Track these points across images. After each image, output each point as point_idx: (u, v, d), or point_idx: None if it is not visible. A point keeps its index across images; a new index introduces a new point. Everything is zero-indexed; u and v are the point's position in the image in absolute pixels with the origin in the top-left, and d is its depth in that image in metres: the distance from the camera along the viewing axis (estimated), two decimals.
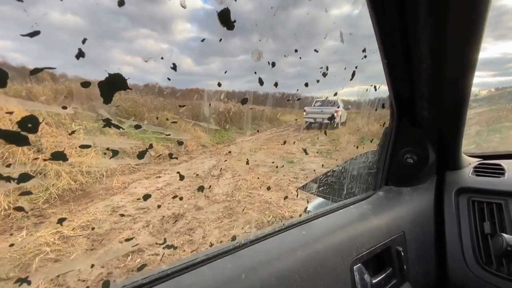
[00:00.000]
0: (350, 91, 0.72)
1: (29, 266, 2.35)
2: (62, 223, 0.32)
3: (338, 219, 0.71)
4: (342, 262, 0.59)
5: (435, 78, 0.65)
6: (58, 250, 2.63)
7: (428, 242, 0.84)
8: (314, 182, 1.13)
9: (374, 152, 1.03)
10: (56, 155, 0.30)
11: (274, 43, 0.58)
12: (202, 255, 0.47)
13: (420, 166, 0.87)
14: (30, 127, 0.26)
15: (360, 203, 0.83)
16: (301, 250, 0.54)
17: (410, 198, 0.87)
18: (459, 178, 0.91)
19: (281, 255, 0.52)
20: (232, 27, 0.34)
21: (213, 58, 5.78)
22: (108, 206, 3.57)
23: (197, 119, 2.51)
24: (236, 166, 5.70)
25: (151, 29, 4.06)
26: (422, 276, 0.81)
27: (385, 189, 0.92)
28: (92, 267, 2.39)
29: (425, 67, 0.62)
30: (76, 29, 1.05)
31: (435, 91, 0.69)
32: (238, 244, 0.52)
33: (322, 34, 0.59)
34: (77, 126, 4.18)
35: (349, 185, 1.03)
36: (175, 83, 0.72)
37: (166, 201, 3.84)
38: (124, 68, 0.33)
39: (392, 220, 0.77)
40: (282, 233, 0.59)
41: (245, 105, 0.49)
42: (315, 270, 0.54)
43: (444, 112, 0.76)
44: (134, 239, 2.89)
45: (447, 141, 0.86)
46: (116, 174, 4.72)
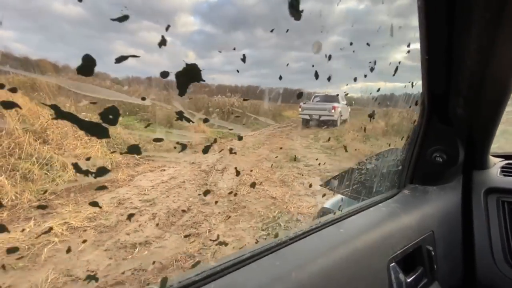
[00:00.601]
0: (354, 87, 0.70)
1: (38, 256, 2.36)
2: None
3: (370, 217, 0.71)
4: (379, 260, 0.59)
5: (478, 75, 0.63)
6: (66, 240, 2.64)
7: (456, 242, 0.83)
8: (335, 179, 1.12)
9: (395, 150, 1.02)
10: (131, 149, 0.29)
11: (278, 37, 0.57)
12: (248, 251, 0.47)
13: (449, 165, 0.86)
14: (111, 118, 0.25)
15: (388, 201, 0.82)
16: (342, 248, 0.54)
17: (437, 197, 0.86)
18: (487, 178, 0.90)
19: (323, 252, 0.51)
20: (299, 17, 0.32)
21: (215, 52, 5.70)
22: (114, 198, 3.58)
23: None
24: (240, 161, 5.70)
25: (154, 21, 4.01)
26: (449, 275, 0.80)
27: (411, 188, 0.92)
28: (99, 257, 2.40)
29: (469, 63, 0.61)
30: (78, 20, 1.03)
31: (475, 89, 0.68)
32: (280, 241, 0.52)
33: (329, 29, 0.57)
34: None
35: (372, 183, 1.02)
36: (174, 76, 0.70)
37: (172, 194, 3.85)
38: (127, 60, 0.31)
39: (421, 219, 0.77)
40: (320, 231, 0.59)
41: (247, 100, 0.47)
42: (356, 268, 0.53)
43: (480, 111, 0.75)
44: (141, 231, 2.90)
45: (476, 140, 0.85)
46: (121, 167, 4.72)
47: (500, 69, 0.61)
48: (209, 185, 4.36)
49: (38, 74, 0.46)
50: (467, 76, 0.65)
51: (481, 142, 0.86)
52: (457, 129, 0.82)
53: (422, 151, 0.89)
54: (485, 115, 0.76)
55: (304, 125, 9.21)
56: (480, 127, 0.81)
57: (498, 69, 0.61)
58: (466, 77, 0.65)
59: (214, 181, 4.42)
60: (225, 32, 2.19)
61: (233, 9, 3.29)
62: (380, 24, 0.52)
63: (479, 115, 0.76)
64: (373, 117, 0.64)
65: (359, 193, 1.01)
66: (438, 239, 0.78)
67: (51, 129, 4.09)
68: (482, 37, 0.55)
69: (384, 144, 1.09)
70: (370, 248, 0.59)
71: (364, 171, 1.09)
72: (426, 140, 0.87)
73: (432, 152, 0.87)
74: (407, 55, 0.59)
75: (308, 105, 8.52)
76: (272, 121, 7.27)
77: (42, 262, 2.36)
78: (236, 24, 2.21)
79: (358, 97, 1.02)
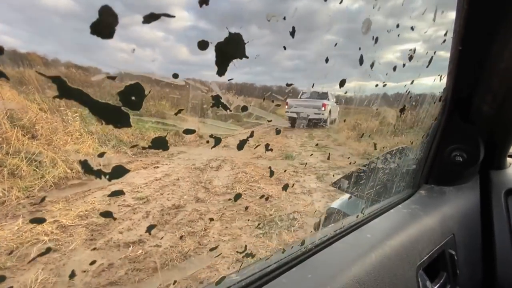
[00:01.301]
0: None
1: (27, 256, 2.26)
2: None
3: (393, 219, 0.66)
4: (409, 267, 0.55)
5: (511, 70, 0.59)
6: (57, 239, 2.54)
7: (475, 245, 0.80)
8: (344, 178, 1.07)
9: (408, 148, 0.98)
10: (156, 143, 0.23)
11: (272, 34, 0.52)
12: (273, 262, 0.41)
13: (469, 165, 0.82)
14: (134, 101, 0.19)
15: (406, 202, 0.78)
16: (373, 255, 0.49)
17: (455, 198, 0.82)
18: (506, 178, 0.87)
19: (354, 260, 0.46)
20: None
21: (210, 48, 5.65)
22: (106, 196, 3.47)
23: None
24: (235, 158, 5.63)
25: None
26: (469, 280, 0.77)
27: (426, 188, 0.88)
28: (92, 257, 2.32)
29: (507, 55, 0.56)
30: (68, 13, 0.96)
31: (507, 85, 0.64)
32: (306, 249, 0.47)
33: (321, 27, 0.52)
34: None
35: (385, 183, 0.97)
36: (171, 72, 0.65)
37: (166, 192, 3.76)
38: (119, 54, 0.27)
39: (443, 222, 0.73)
40: (346, 236, 0.54)
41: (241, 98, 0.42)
42: (389, 276, 0.49)
43: (507, 109, 0.71)
44: (134, 229, 2.82)
45: (498, 140, 0.82)
46: (113, 164, 4.59)
47: None
48: (204, 183, 4.29)
49: (27, 67, 0.39)
50: (502, 72, 0.61)
51: (502, 142, 0.82)
52: (479, 127, 0.78)
53: (440, 150, 0.85)
54: (511, 114, 0.72)
55: (290, 124, 8.01)
56: (503, 127, 0.77)
57: None
58: (501, 73, 0.61)
59: (208, 179, 4.35)
60: (219, 28, 2.11)
61: (227, 5, 3.22)
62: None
63: (505, 114, 0.73)
64: (403, 112, 0.59)
65: (375, 193, 0.97)
66: (458, 243, 0.74)
67: (40, 124, 3.94)
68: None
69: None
70: (400, 254, 0.54)
71: (376, 170, 1.04)
72: (446, 138, 0.83)
73: (451, 151, 0.83)
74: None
75: (295, 101, 7.41)
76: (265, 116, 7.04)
77: (31, 262, 2.26)
78: (230, 20, 2.12)
79: (351, 96, 0.96)
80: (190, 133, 0.25)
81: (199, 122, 0.29)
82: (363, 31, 0.35)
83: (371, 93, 0.67)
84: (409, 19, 0.49)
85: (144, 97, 0.19)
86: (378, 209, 0.70)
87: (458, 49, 0.60)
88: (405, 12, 0.50)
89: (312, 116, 7.75)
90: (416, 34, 0.50)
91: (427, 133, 0.83)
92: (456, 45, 0.59)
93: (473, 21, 0.56)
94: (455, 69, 0.66)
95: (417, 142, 0.86)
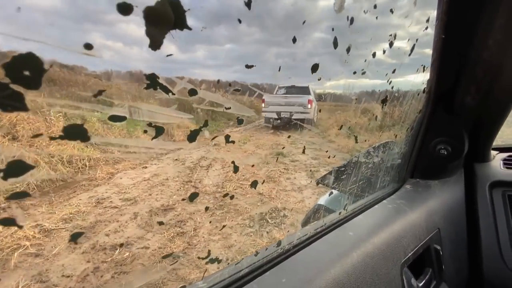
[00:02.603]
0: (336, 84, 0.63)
1: (7, 262, 2.17)
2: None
3: (377, 215, 0.64)
4: (393, 265, 0.52)
5: (498, 58, 0.57)
6: (39, 244, 2.45)
7: (461, 239, 0.79)
8: (330, 174, 1.05)
9: (393, 142, 0.97)
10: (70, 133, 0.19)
11: (262, 32, 0.48)
12: (246, 265, 0.38)
13: (453, 158, 0.81)
14: (28, 76, 0.14)
15: (391, 197, 0.76)
16: (354, 254, 0.46)
17: (440, 192, 0.81)
18: (489, 171, 0.86)
19: (334, 261, 0.44)
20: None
21: (198, 46, 5.50)
22: (92, 198, 3.38)
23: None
24: (226, 156, 5.57)
25: (134, 13, 3.87)
26: (456, 274, 0.76)
27: (412, 182, 0.86)
28: (76, 261, 2.24)
29: (491, 43, 0.54)
30: (51, 10, 0.91)
31: (490, 76, 0.62)
32: (283, 250, 0.43)
33: (310, 24, 0.49)
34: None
35: (370, 178, 0.96)
36: (159, 70, 0.61)
37: (154, 192, 3.69)
38: (105, 53, 0.24)
39: (428, 216, 0.71)
40: (327, 235, 0.51)
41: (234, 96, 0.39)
42: (371, 276, 0.46)
43: (491, 100, 0.69)
44: (122, 231, 2.75)
45: (483, 132, 0.80)
46: (100, 164, 4.49)
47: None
48: (193, 182, 4.23)
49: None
50: (486, 60, 0.59)
51: (486, 134, 0.81)
52: (463, 120, 0.77)
53: (425, 143, 0.83)
54: (496, 105, 0.71)
55: (268, 125, 6.50)
56: (488, 118, 0.76)
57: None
58: (485, 61, 0.59)
59: (199, 178, 4.29)
60: (208, 26, 2.07)
61: (215, 2, 3.15)
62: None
63: (489, 105, 0.71)
64: (385, 104, 0.57)
65: (356, 189, 0.95)
66: (444, 238, 0.73)
67: (21, 125, 3.80)
68: (510, 13, 0.48)
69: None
70: (383, 252, 0.52)
71: (361, 165, 1.02)
72: (430, 131, 0.81)
73: (436, 144, 0.81)
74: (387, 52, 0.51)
75: (274, 98, 6.13)
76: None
77: (12, 268, 2.17)
78: (218, 18, 2.08)
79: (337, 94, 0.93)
80: (119, 121, 0.21)
81: (132, 108, 0.25)
82: (336, 9, 0.32)
83: (353, 87, 0.64)
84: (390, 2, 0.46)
85: (42, 72, 0.16)
86: (362, 205, 0.68)
87: (441, 37, 0.57)
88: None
89: (296, 116, 6.24)
90: (397, 19, 0.48)
91: (411, 126, 0.81)
92: (439, 34, 0.57)
93: (456, 8, 0.53)
94: (438, 59, 0.64)
95: (402, 135, 0.84)
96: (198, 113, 0.28)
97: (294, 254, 0.44)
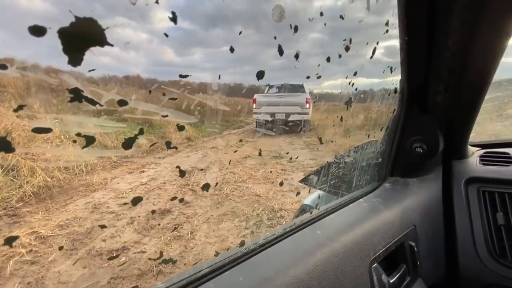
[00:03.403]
0: (333, 84, 0.65)
1: (2, 270, 2.18)
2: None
3: (350, 214, 0.65)
4: (361, 263, 0.53)
5: (459, 59, 0.59)
6: (35, 251, 2.46)
7: (438, 235, 0.80)
8: (314, 175, 1.06)
9: (376, 141, 0.98)
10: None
11: (257, 34, 0.50)
12: (206, 266, 0.39)
13: (429, 156, 0.82)
14: None
15: (369, 196, 0.77)
16: (318, 253, 0.48)
17: (418, 190, 0.82)
18: (466, 167, 0.87)
19: (297, 260, 0.45)
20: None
21: (195, 49, 5.48)
22: (89, 203, 3.39)
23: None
24: (223, 159, 5.58)
25: (128, 17, 3.87)
26: (433, 270, 0.77)
27: (391, 181, 0.87)
28: (72, 267, 2.25)
29: (451, 43, 0.56)
30: (45, 16, 0.92)
31: (456, 74, 0.63)
32: (247, 250, 0.45)
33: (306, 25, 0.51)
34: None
35: (352, 177, 0.97)
36: (157, 74, 0.62)
37: (152, 196, 3.70)
38: (101, 58, 0.25)
39: (403, 214, 0.72)
40: (295, 234, 0.52)
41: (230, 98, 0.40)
42: (335, 275, 0.47)
43: (461, 97, 0.71)
44: (118, 237, 2.76)
45: (457, 130, 0.82)
46: (97, 170, 4.50)
47: (482, 53, 0.57)
48: (191, 185, 4.24)
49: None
50: (448, 59, 0.60)
51: (461, 131, 0.83)
52: (437, 118, 0.78)
53: (402, 142, 0.85)
54: (466, 102, 0.72)
55: (260, 130, 5.46)
56: (460, 115, 0.77)
57: (480, 54, 0.57)
58: (447, 60, 0.61)
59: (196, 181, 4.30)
60: (204, 28, 2.10)
61: (210, 5, 3.16)
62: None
63: (459, 103, 0.73)
64: (350, 105, 0.58)
65: (338, 188, 0.96)
66: (420, 234, 0.74)
67: (17, 132, 3.81)
68: (464, 13, 0.50)
69: None
70: (350, 250, 0.53)
71: (343, 165, 1.04)
72: (406, 130, 0.83)
73: (412, 142, 0.83)
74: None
75: (267, 98, 5.36)
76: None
77: (7, 276, 2.18)
78: (214, 20, 2.12)
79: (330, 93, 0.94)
80: (44, 132, 0.22)
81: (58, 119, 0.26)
82: (275, 19, 0.33)
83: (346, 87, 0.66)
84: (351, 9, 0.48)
85: None
86: (337, 204, 0.69)
87: (405, 39, 0.59)
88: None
89: (293, 118, 5.42)
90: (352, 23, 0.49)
91: (387, 126, 0.83)
92: (403, 36, 0.59)
93: (413, 11, 0.55)
94: (406, 60, 0.66)
95: (376, 135, 0.86)
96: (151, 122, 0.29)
97: (258, 254, 0.45)
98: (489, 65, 0.61)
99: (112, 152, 4.54)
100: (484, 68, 0.61)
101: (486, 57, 0.59)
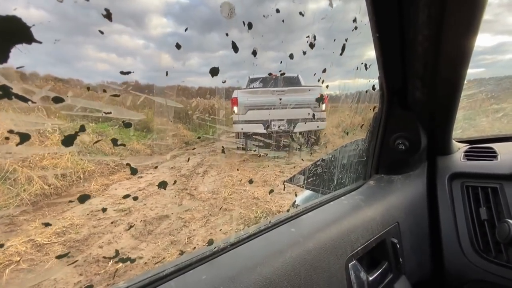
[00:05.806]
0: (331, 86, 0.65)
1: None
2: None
3: (329, 212, 0.65)
4: (336, 260, 0.53)
5: (431, 52, 0.58)
6: (31, 259, 2.45)
7: (423, 232, 0.79)
8: (301, 174, 1.06)
9: (364, 139, 0.98)
10: None
11: (254, 38, 0.51)
12: (171, 265, 0.39)
13: (412, 152, 0.82)
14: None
15: (351, 194, 0.77)
16: (290, 251, 0.47)
17: (402, 187, 0.82)
18: (450, 163, 0.87)
19: (267, 258, 0.44)
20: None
21: (191, 54, 5.47)
22: (86, 210, 3.38)
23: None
24: (221, 162, 5.57)
25: (125, 24, 3.88)
26: (418, 267, 0.76)
27: (376, 178, 0.87)
28: (67, 276, 2.24)
29: (421, 39, 0.56)
30: (42, 24, 0.93)
31: (430, 68, 0.63)
32: (217, 249, 0.44)
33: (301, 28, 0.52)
34: None
35: (338, 175, 0.97)
36: (154, 80, 0.63)
37: (149, 202, 3.69)
38: (99, 65, 0.25)
39: (386, 211, 0.72)
40: (268, 233, 0.52)
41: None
42: (306, 272, 0.47)
43: (438, 92, 0.71)
44: (115, 243, 2.75)
45: (438, 125, 0.82)
46: (95, 176, 4.50)
47: (452, 48, 0.57)
48: (189, 189, 4.23)
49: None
50: (421, 54, 0.60)
51: (443, 126, 0.83)
52: (418, 114, 0.78)
53: (385, 139, 0.85)
54: (443, 96, 0.72)
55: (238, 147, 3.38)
56: (440, 110, 0.77)
57: (451, 48, 0.57)
58: (421, 55, 0.61)
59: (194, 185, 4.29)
60: (200, 33, 2.08)
61: (206, 10, 3.17)
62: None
63: (437, 97, 0.73)
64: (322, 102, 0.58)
65: (324, 187, 0.96)
66: (404, 231, 0.74)
67: (13, 139, 3.81)
68: (431, 7, 0.50)
69: None
70: (326, 248, 0.53)
71: (330, 164, 1.04)
72: (388, 127, 0.83)
73: (395, 139, 0.83)
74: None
75: (258, 95, 3.50)
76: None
77: (3, 285, 2.18)
78: (210, 25, 2.15)
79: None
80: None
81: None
82: (225, 16, 0.33)
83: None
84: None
85: None
86: (318, 202, 0.69)
87: (377, 36, 0.59)
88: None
89: (302, 128, 3.40)
90: (322, 21, 0.49)
91: (369, 123, 0.83)
92: (374, 33, 0.59)
93: (380, 7, 0.55)
94: (381, 57, 0.66)
95: (355, 132, 0.86)
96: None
97: (227, 252, 0.45)
98: (461, 60, 0.61)
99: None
100: (457, 63, 0.61)
101: (457, 52, 0.59)
